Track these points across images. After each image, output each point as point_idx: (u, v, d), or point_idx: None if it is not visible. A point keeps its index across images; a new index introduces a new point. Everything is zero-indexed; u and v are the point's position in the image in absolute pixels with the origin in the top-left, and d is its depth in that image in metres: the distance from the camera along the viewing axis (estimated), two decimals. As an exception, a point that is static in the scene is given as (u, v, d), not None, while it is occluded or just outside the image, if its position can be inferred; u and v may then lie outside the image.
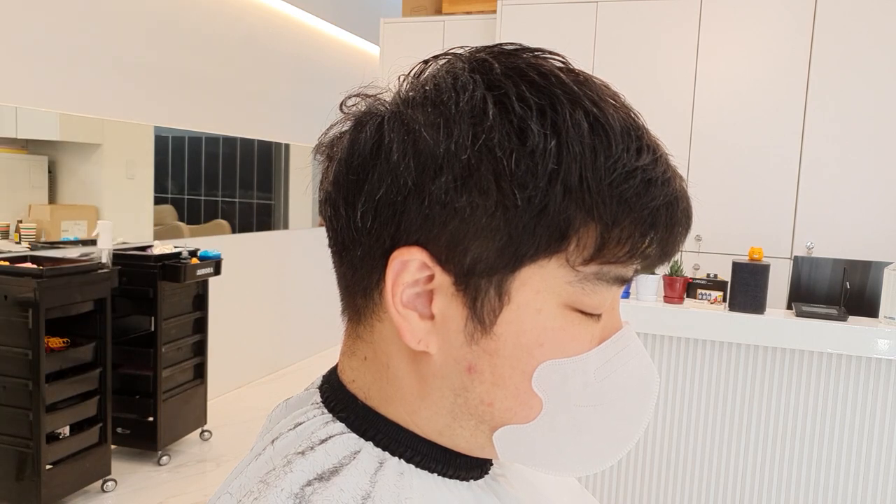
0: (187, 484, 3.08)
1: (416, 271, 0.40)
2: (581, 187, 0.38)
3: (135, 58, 3.42)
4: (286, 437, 0.44)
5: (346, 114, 0.44)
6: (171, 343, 3.22)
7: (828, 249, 3.31)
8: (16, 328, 2.52)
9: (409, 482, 0.42)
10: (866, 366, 2.20)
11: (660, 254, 0.42)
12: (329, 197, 0.43)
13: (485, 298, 0.40)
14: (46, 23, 2.95)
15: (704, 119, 3.56)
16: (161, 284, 3.12)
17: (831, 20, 3.33)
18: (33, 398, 2.52)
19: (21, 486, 2.55)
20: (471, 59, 0.42)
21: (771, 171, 3.46)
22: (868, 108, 3.30)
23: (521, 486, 0.51)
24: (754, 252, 2.36)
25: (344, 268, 0.44)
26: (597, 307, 0.41)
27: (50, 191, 3.13)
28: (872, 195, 3.32)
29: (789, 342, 2.21)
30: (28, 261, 2.78)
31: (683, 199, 0.41)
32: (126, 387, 3.18)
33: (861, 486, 2.23)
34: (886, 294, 2.20)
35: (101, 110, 3.26)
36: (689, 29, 3.56)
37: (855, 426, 2.22)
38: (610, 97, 0.41)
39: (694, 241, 3.57)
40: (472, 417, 0.42)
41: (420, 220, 0.39)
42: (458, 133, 0.38)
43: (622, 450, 0.45)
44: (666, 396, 2.40)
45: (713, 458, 2.37)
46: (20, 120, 2.90)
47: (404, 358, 0.43)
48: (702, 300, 2.47)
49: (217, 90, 4.01)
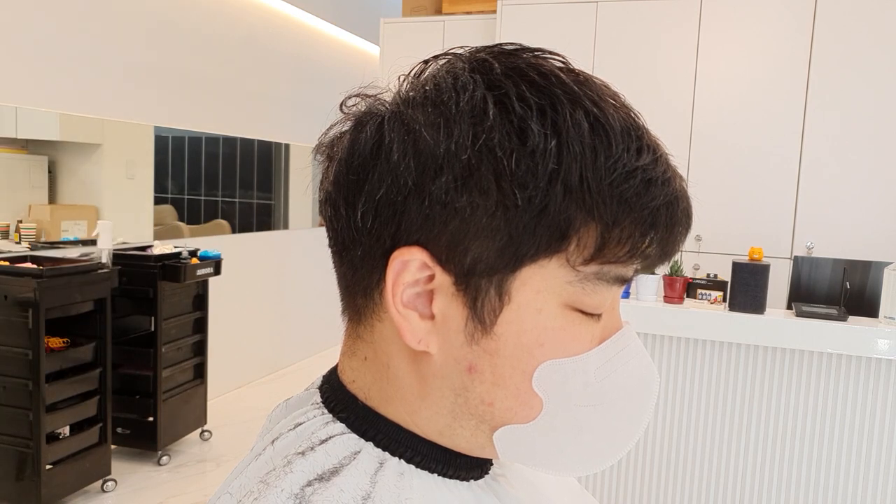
0: (187, 484, 3.08)
1: (416, 271, 0.40)
2: (581, 187, 0.38)
3: (135, 58, 3.42)
4: (286, 437, 0.44)
5: (346, 114, 0.44)
6: (171, 343, 3.22)
7: (828, 249, 3.31)
8: (16, 328, 2.52)
9: (410, 482, 0.42)
10: (866, 366, 2.20)
11: (660, 253, 0.42)
12: (329, 197, 0.43)
13: (485, 298, 0.40)
14: (46, 23, 2.95)
15: (704, 119, 3.56)
16: (161, 284, 3.12)
17: (831, 20, 3.33)
18: (33, 398, 2.52)
19: (21, 486, 2.55)
20: (471, 59, 0.42)
21: (771, 171, 3.46)
22: (868, 108, 3.30)
23: (521, 486, 0.51)
24: (754, 252, 2.36)
25: (344, 268, 0.44)
26: (597, 307, 0.41)
27: (50, 191, 3.13)
28: (872, 195, 3.32)
29: (789, 342, 2.21)
30: (28, 261, 2.78)
31: (683, 198, 0.41)
32: (126, 387, 3.18)
33: (861, 486, 2.23)
34: (886, 294, 2.20)
35: (101, 110, 3.26)
36: (689, 29, 3.56)
37: (855, 426, 2.22)
38: (610, 97, 0.41)
39: (694, 241, 3.57)
40: (473, 417, 0.42)
41: (420, 220, 0.39)
42: (458, 133, 0.38)
43: (622, 449, 0.45)
44: (666, 396, 2.40)
45: (713, 458, 2.37)
46: (20, 120, 2.90)
47: (405, 358, 0.43)
48: (702, 300, 2.47)
49: (217, 90, 4.01)
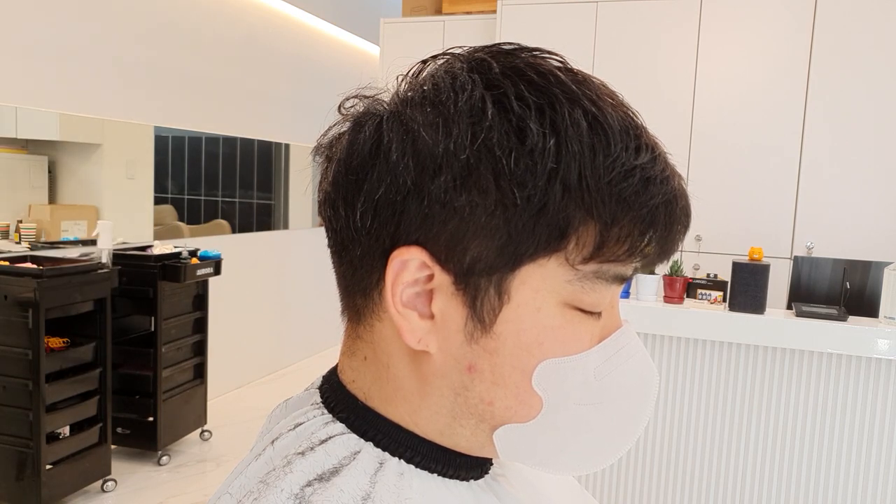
0: (187, 484, 3.08)
1: (415, 271, 0.40)
2: (580, 186, 0.38)
3: (135, 58, 3.42)
4: (286, 437, 0.44)
5: (345, 115, 0.44)
6: (171, 343, 3.22)
7: (828, 249, 3.31)
8: (16, 328, 2.52)
9: (409, 482, 0.42)
10: (866, 366, 2.20)
11: (659, 252, 0.42)
12: (328, 197, 0.43)
13: (484, 297, 0.40)
14: (46, 23, 2.95)
15: (704, 119, 3.56)
16: (161, 284, 3.12)
17: (831, 20, 3.33)
18: (33, 398, 2.52)
19: (21, 486, 2.55)
20: (469, 59, 0.42)
21: (771, 171, 3.46)
22: (868, 108, 3.30)
23: (521, 486, 0.51)
24: (754, 252, 2.36)
25: (343, 268, 0.44)
26: (596, 305, 0.42)
27: (50, 191, 3.13)
28: (872, 195, 3.32)
29: (789, 342, 2.21)
30: (28, 261, 2.78)
31: (682, 197, 0.41)
32: (126, 387, 3.18)
33: (861, 486, 2.23)
34: (886, 294, 2.20)
35: (101, 110, 3.26)
36: (689, 29, 3.56)
37: (855, 426, 2.22)
38: (608, 96, 0.41)
39: (694, 241, 3.57)
40: (473, 417, 0.42)
41: (419, 220, 0.39)
42: (457, 132, 0.38)
43: (622, 448, 0.45)
44: (666, 396, 2.40)
45: (713, 458, 2.37)
46: (20, 120, 2.90)
47: (404, 357, 0.43)
48: (702, 300, 2.47)
49: (217, 90, 4.01)
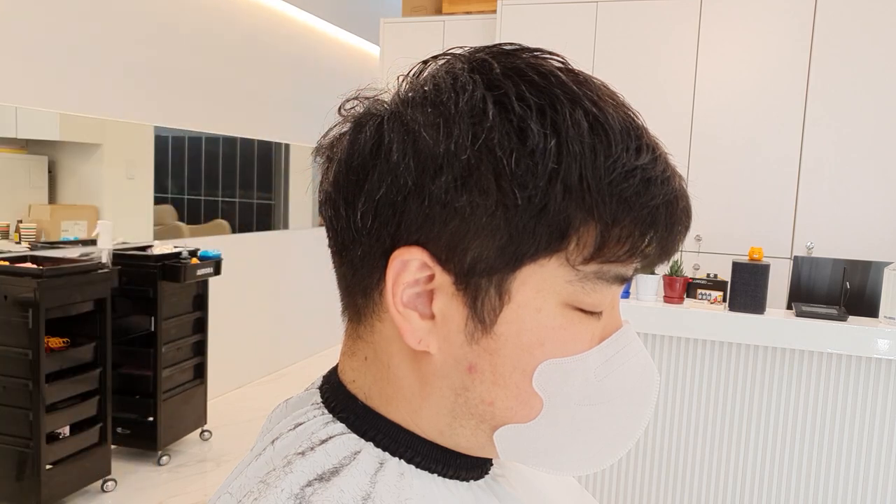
0: (187, 484, 3.08)
1: (416, 271, 0.40)
2: (581, 186, 0.38)
3: (135, 58, 3.42)
4: (286, 437, 0.44)
5: (345, 116, 0.44)
6: (171, 343, 3.22)
7: (828, 249, 3.31)
8: (16, 328, 2.52)
9: (410, 483, 0.42)
10: (866, 366, 2.20)
11: (659, 252, 0.42)
12: (329, 197, 0.43)
13: (485, 298, 0.40)
14: (46, 23, 2.95)
15: (704, 119, 3.56)
16: (161, 284, 3.12)
17: (831, 20, 3.33)
18: (33, 398, 2.52)
19: (21, 486, 2.55)
20: (470, 60, 0.42)
21: (771, 172, 3.46)
22: (868, 108, 3.30)
23: (521, 486, 0.51)
24: (754, 252, 2.36)
25: (344, 268, 0.44)
26: (597, 306, 0.42)
27: (50, 191, 3.13)
28: (872, 195, 3.32)
29: (789, 342, 2.21)
30: (28, 261, 2.78)
31: (683, 197, 0.41)
32: (126, 387, 3.18)
33: (861, 486, 2.23)
34: (886, 294, 2.20)
35: (101, 110, 3.26)
36: (689, 29, 3.56)
37: (855, 426, 2.22)
38: (609, 97, 0.41)
39: (694, 241, 3.57)
40: (473, 417, 0.42)
41: (420, 220, 0.39)
42: (457, 133, 0.38)
43: (623, 448, 0.45)
44: (666, 396, 2.40)
45: (713, 458, 2.37)
46: (20, 120, 2.90)
47: (405, 358, 0.43)
48: (702, 300, 2.47)
49: (217, 90, 4.01)
